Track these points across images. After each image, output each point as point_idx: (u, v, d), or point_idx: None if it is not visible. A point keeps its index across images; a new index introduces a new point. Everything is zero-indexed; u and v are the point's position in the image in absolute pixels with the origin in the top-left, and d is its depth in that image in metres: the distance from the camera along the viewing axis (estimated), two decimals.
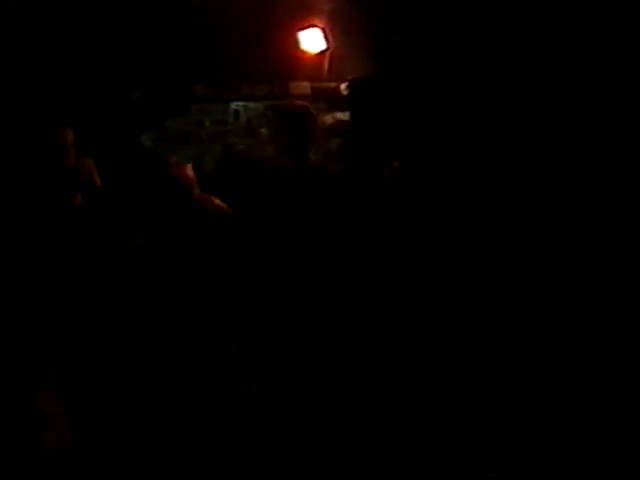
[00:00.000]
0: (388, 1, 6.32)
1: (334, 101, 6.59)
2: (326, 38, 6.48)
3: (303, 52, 6.50)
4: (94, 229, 4.82)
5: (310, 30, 6.47)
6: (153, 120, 6.43)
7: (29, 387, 4.08)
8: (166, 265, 3.76)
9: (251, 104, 6.57)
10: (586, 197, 4.72)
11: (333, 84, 6.59)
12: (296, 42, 6.47)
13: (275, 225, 6.18)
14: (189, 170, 4.55)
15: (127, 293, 3.70)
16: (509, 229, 4.82)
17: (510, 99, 5.71)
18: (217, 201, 4.47)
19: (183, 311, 3.75)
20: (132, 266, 3.70)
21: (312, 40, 6.47)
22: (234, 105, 6.56)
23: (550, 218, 4.75)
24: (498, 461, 3.93)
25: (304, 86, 6.61)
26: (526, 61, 5.65)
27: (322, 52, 6.52)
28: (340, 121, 6.59)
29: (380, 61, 6.35)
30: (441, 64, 6.08)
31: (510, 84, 5.74)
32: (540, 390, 4.15)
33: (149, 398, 3.74)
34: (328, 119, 6.60)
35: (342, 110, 6.58)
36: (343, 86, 6.55)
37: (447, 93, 6.01)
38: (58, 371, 4.00)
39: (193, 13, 6.37)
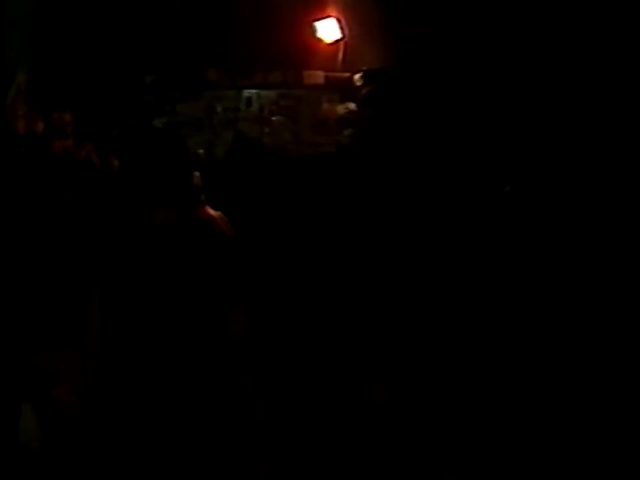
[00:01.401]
0: None
1: (347, 91, 6.57)
2: (341, 28, 6.46)
3: (318, 41, 6.47)
4: (100, 210, 4.82)
5: (326, 20, 6.44)
6: (165, 105, 6.42)
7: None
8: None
9: (264, 92, 6.55)
10: (588, 198, 4.71)
11: (347, 74, 6.56)
12: (311, 31, 6.44)
13: (285, 213, 6.21)
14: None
15: (150, 272, 3.69)
16: (511, 232, 4.82)
17: (531, 94, 5.68)
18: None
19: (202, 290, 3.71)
20: (156, 244, 3.69)
21: (327, 29, 6.45)
22: (247, 92, 6.54)
23: (553, 220, 4.75)
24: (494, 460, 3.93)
25: (318, 75, 6.58)
26: (550, 60, 5.63)
27: (337, 42, 6.49)
28: (352, 111, 6.57)
29: (396, 52, 6.34)
30: (460, 57, 6.06)
31: (530, 79, 5.72)
32: (540, 390, 4.14)
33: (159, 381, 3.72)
34: (340, 109, 6.59)
35: (355, 101, 6.56)
36: (357, 77, 6.53)
37: (467, 87, 6.01)
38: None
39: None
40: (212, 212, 3.84)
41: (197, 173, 4.55)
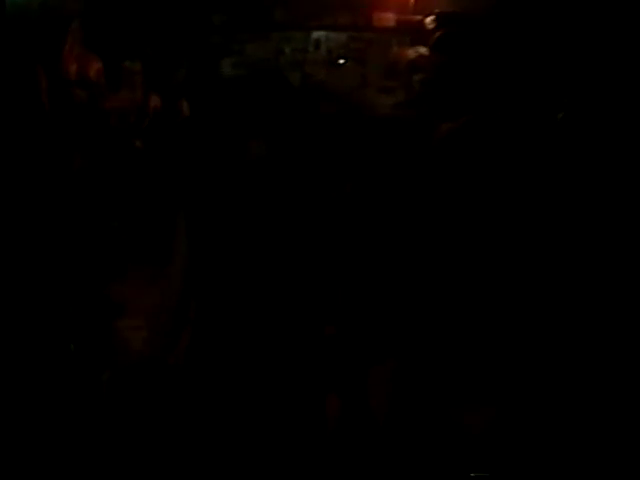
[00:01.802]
0: None
1: (418, 35, 6.41)
2: None
3: None
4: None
5: None
6: (234, 45, 6.33)
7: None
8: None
9: (332, 34, 6.42)
10: (587, 198, 4.60)
11: (418, 17, 6.40)
12: None
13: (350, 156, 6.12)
14: None
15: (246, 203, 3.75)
16: (511, 228, 4.73)
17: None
18: None
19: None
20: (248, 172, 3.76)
21: None
22: (315, 34, 6.42)
23: (551, 219, 4.65)
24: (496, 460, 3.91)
25: (388, 18, 6.43)
26: None
27: None
28: (423, 56, 6.40)
29: None
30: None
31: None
32: (540, 390, 4.10)
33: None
34: (411, 53, 6.42)
35: (425, 45, 6.39)
36: (429, 20, 6.36)
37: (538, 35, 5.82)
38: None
39: None
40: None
41: None
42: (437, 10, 6.30)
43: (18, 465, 3.51)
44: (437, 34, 6.36)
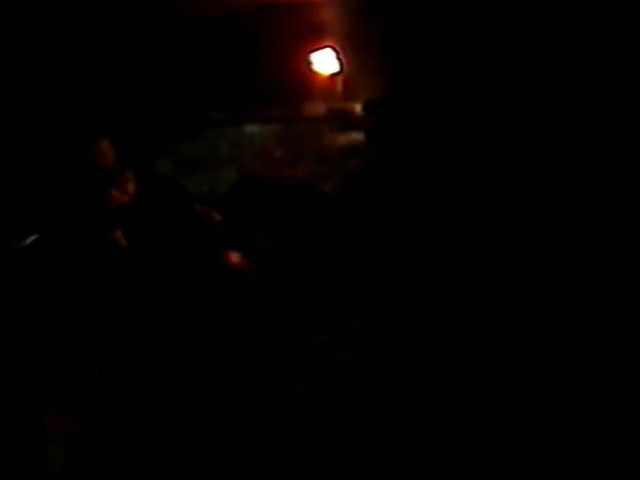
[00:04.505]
0: (399, 20, 6.23)
1: (349, 121, 6.51)
2: (339, 59, 6.42)
3: (316, 73, 6.45)
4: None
5: (323, 51, 6.42)
6: (168, 145, 6.51)
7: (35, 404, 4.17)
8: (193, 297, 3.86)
9: (266, 126, 6.56)
10: (586, 197, 4.55)
11: (348, 104, 6.51)
12: (309, 63, 6.43)
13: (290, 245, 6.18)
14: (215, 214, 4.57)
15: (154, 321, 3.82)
16: (508, 230, 4.70)
17: (518, 115, 5.53)
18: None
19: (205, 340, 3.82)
20: (161, 296, 3.84)
21: (325, 61, 6.42)
22: (249, 128, 6.57)
23: (549, 219, 4.60)
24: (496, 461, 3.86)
25: (318, 107, 6.55)
26: (533, 76, 5.46)
27: (336, 74, 6.46)
28: (356, 141, 6.49)
29: (391, 80, 6.26)
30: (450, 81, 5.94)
31: (518, 100, 5.56)
32: (540, 390, 4.05)
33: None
34: (343, 140, 6.52)
35: (357, 130, 6.48)
36: (358, 106, 6.47)
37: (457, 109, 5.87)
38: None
39: (206, 37, 6.45)
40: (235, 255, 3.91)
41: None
42: (365, 96, 6.39)
43: None
44: (369, 121, 6.45)
